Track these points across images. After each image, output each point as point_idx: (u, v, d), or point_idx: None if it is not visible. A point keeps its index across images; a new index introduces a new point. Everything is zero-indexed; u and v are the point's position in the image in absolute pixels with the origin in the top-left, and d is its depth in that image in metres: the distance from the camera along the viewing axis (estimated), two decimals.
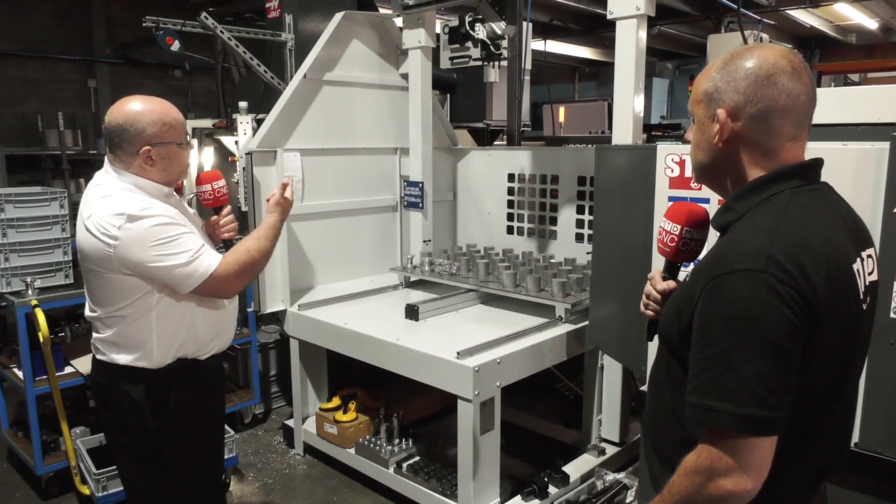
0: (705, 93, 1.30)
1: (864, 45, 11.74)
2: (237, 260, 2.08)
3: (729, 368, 1.10)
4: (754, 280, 1.10)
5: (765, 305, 1.09)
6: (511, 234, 4.16)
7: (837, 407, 1.23)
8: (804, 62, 1.26)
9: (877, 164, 1.95)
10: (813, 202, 1.23)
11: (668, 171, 2.40)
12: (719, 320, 1.13)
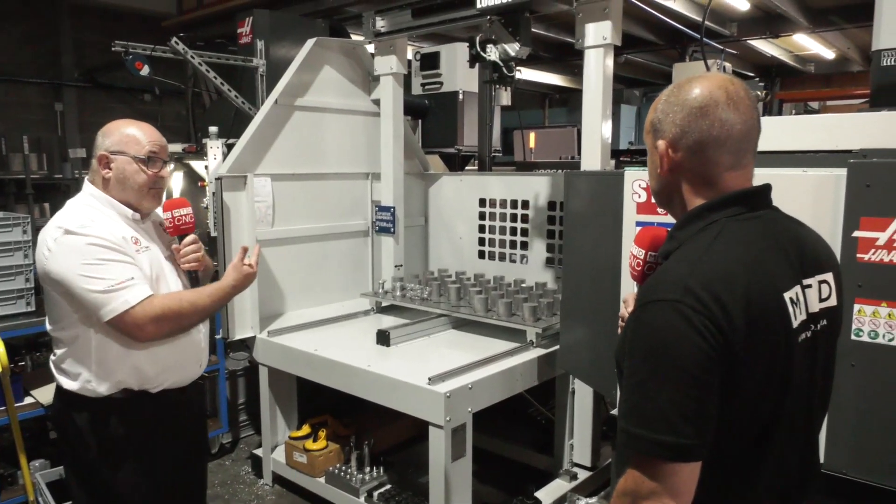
0: (651, 124, 1.34)
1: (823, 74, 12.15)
2: (163, 305, 1.97)
3: (647, 396, 1.13)
4: (670, 310, 1.13)
5: (679, 335, 1.11)
6: (482, 258, 4.18)
7: (781, 434, 1.23)
8: (745, 90, 1.28)
9: (835, 189, 2.00)
10: (747, 230, 1.25)
11: (636, 197, 2.44)
12: (640, 349, 1.16)
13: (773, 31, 8.43)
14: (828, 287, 1.33)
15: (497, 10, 3.01)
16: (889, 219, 1.88)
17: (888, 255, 1.89)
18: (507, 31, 3.00)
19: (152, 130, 2.12)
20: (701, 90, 1.27)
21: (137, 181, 2.06)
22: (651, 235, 1.52)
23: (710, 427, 1.12)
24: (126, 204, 2.07)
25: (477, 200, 4.16)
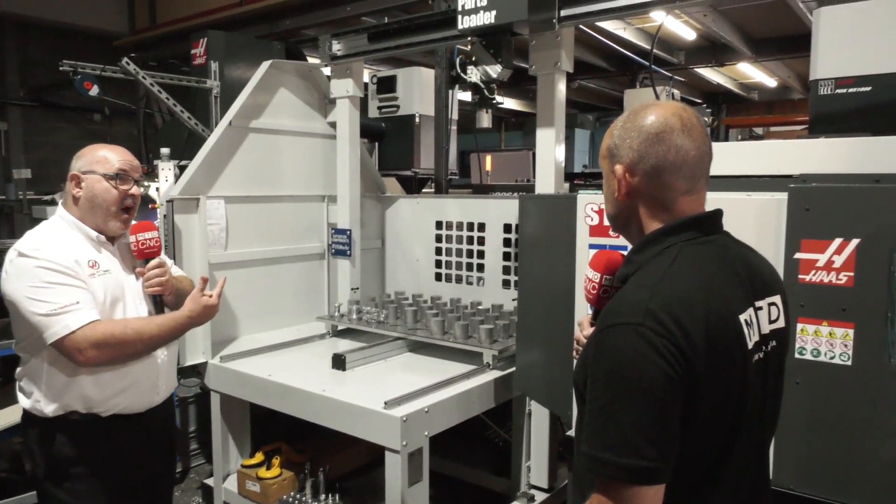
0: (607, 149, 1.37)
1: (766, 101, 12.67)
2: (106, 331, 1.96)
3: (610, 420, 1.14)
4: (632, 333, 1.14)
5: (642, 358, 1.13)
6: (439, 281, 4.18)
7: (737, 453, 1.26)
8: (698, 118, 1.33)
9: (777, 213, 2.08)
10: (702, 254, 1.28)
11: (588, 220, 2.48)
12: (603, 372, 1.17)
13: (718, 59, 8.77)
14: (776, 309, 1.37)
15: (479, 31, 2.97)
16: (827, 241, 1.96)
17: (827, 275, 1.96)
18: (488, 52, 2.99)
19: (124, 151, 2.17)
20: (656, 117, 1.31)
21: (107, 199, 2.08)
22: (606, 259, 1.54)
23: (673, 449, 1.14)
24: (94, 226, 2.09)
25: (434, 223, 4.18)
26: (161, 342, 2.14)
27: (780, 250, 2.06)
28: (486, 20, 2.86)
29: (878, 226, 1.90)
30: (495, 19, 2.82)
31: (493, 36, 2.96)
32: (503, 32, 2.93)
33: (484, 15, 2.86)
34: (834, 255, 1.95)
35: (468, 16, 2.92)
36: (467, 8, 2.91)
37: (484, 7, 2.85)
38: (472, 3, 2.88)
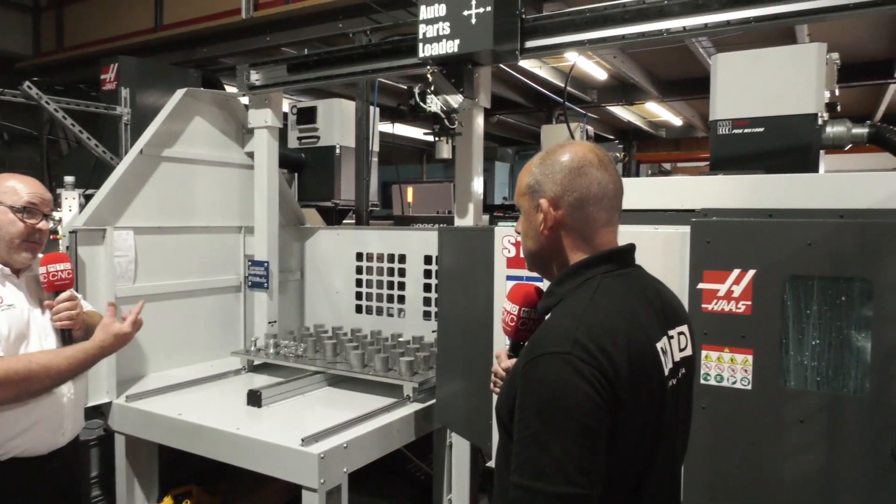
0: (528, 186, 1.41)
1: (673, 138, 13.38)
2: (8, 368, 1.85)
3: (541, 448, 1.15)
4: (561, 362, 1.17)
5: (571, 386, 1.16)
6: (360, 312, 4.14)
7: (653, 477, 1.30)
8: (609, 157, 1.42)
9: (681, 245, 2.19)
10: (621, 286, 1.34)
11: (506, 252, 2.54)
12: (532, 402, 1.19)
13: (628, 99, 9.23)
14: (685, 338, 1.44)
15: (440, 60, 2.89)
16: (727, 272, 2.07)
17: (728, 304, 2.08)
18: (449, 81, 2.91)
19: (35, 184, 2.09)
20: (574, 153, 1.37)
21: (11, 232, 2.00)
22: (523, 292, 1.57)
23: (601, 475, 1.16)
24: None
25: (354, 254, 4.15)
26: (71, 375, 2.02)
27: (684, 281, 2.16)
28: (449, 49, 2.81)
29: (771, 257, 2.04)
30: (458, 48, 2.78)
31: (454, 65, 2.90)
32: (464, 62, 2.89)
33: (446, 44, 2.82)
34: (733, 286, 2.06)
35: (430, 44, 2.86)
36: (429, 36, 2.86)
37: (447, 36, 2.81)
38: (435, 31, 2.84)
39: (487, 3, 2.68)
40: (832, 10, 2.29)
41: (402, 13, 4.03)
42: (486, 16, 2.68)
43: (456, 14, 2.75)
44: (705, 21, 2.47)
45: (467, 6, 2.72)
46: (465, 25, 2.73)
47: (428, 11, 2.82)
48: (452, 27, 2.77)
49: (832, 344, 1.99)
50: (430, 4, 2.81)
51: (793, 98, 2.74)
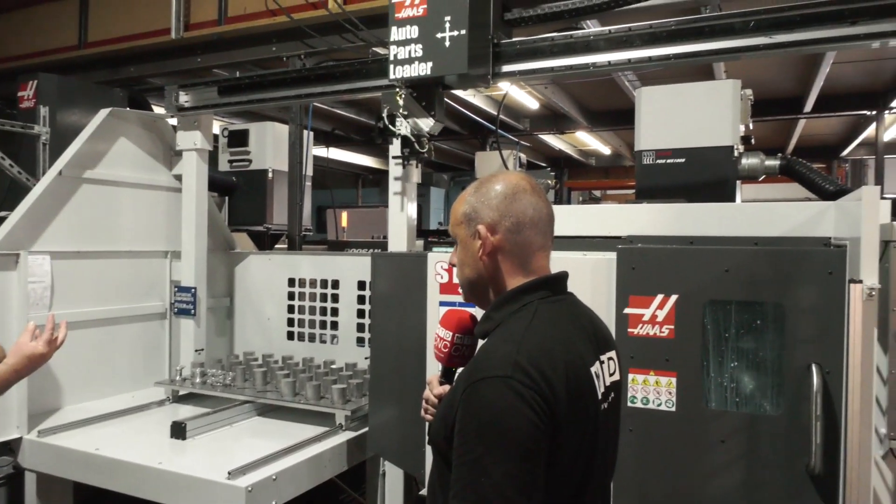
0: (464, 214, 1.44)
1: (602, 166, 13.82)
2: None
3: (482, 472, 1.16)
4: (502, 385, 1.19)
5: (512, 409, 1.18)
6: (292, 339, 4.06)
7: (587, 499, 1.33)
8: (539, 184, 1.46)
9: (608, 271, 2.26)
10: (557, 312, 1.38)
11: (438, 278, 2.55)
12: (473, 426, 1.20)
13: (559, 128, 9.50)
14: (613, 363, 1.49)
15: (411, 82, 2.80)
16: (651, 297, 2.14)
17: (652, 328, 2.15)
18: (419, 104, 2.83)
19: None
20: (506, 181, 1.42)
21: None
22: (457, 318, 1.57)
23: (540, 498, 1.18)
24: None
25: (286, 280, 4.07)
26: None
27: (611, 305, 2.22)
28: (422, 72, 2.73)
29: (692, 283, 2.12)
30: (431, 71, 2.71)
31: (425, 88, 2.82)
32: (435, 85, 2.82)
33: (419, 66, 2.74)
34: (657, 310, 2.14)
35: (401, 66, 2.78)
36: (400, 58, 2.78)
37: (419, 58, 2.74)
38: (406, 53, 2.77)
39: (461, 27, 2.64)
40: (745, 50, 2.43)
41: (337, 39, 4.03)
42: (460, 39, 2.65)
43: (429, 36, 2.71)
44: (629, 56, 2.58)
45: (441, 29, 2.68)
46: (438, 48, 2.69)
47: (399, 33, 2.77)
48: (425, 49, 2.72)
49: (749, 366, 2.09)
50: (402, 26, 2.77)
51: (711, 131, 2.89)
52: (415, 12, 2.73)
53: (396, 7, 2.76)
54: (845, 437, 1.84)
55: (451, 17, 2.64)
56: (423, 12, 2.70)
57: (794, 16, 2.34)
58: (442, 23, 2.67)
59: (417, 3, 2.72)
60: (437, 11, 2.67)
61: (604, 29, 2.64)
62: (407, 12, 2.74)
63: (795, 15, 2.34)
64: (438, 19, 2.67)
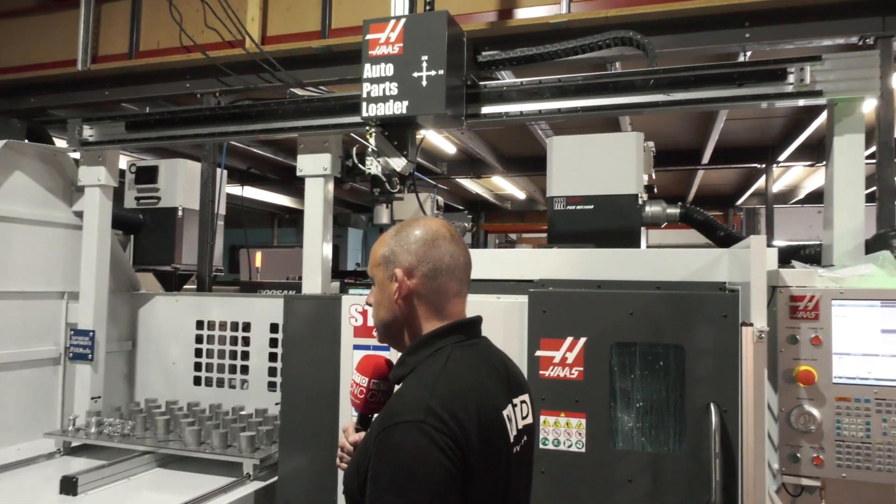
0: (383, 257, 1.45)
1: (518, 210, 14.18)
2: None
3: None
4: (415, 430, 1.19)
5: (425, 455, 1.18)
6: (198, 385, 3.88)
7: None
8: (458, 232, 1.50)
9: (520, 314, 2.30)
10: (470, 356, 1.40)
11: (353, 321, 2.52)
12: (386, 471, 1.19)
13: (475, 172, 9.71)
14: (526, 406, 1.51)
15: (384, 120, 2.73)
16: (561, 339, 2.20)
17: (563, 370, 2.20)
18: (391, 144, 2.76)
19: None
20: (427, 227, 1.44)
21: None
22: (374, 363, 1.56)
23: None
24: None
25: (194, 322, 3.91)
26: None
27: (523, 348, 2.27)
28: (397, 110, 2.65)
29: (600, 325, 2.20)
30: (407, 110, 2.64)
31: (397, 127, 2.76)
32: (408, 125, 2.75)
33: (394, 104, 2.66)
34: (567, 352, 2.20)
35: (374, 104, 2.68)
36: (374, 96, 2.69)
37: (394, 96, 2.66)
38: (380, 91, 2.68)
39: (439, 67, 2.59)
40: (646, 106, 2.61)
41: (254, 78, 4.00)
42: (437, 79, 2.59)
43: (405, 75, 2.64)
44: (539, 108, 2.70)
45: (417, 68, 2.63)
46: (415, 87, 2.63)
47: (373, 70, 2.69)
48: (401, 88, 2.65)
49: (654, 406, 2.16)
50: (377, 63, 2.69)
51: (617, 180, 3.04)
52: (390, 50, 2.67)
53: (370, 44, 2.70)
54: (742, 473, 1.93)
55: (428, 57, 2.60)
56: (399, 51, 2.65)
57: (689, 76, 2.53)
58: (419, 62, 2.62)
59: (393, 40, 2.66)
60: (414, 50, 2.63)
61: (516, 81, 2.76)
62: (382, 50, 2.68)
63: (690, 76, 2.52)
64: (415, 58, 2.63)
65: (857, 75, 2.38)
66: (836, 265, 2.36)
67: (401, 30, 2.64)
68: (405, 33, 2.63)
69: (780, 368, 2.12)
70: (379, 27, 2.67)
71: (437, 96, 2.59)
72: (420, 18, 2.68)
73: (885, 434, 2.03)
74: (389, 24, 2.65)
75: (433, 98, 2.60)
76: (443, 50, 2.58)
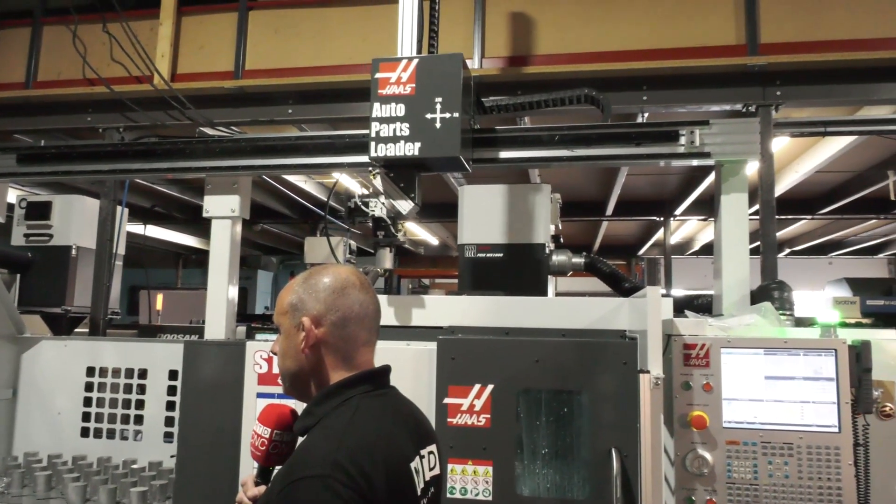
0: (290, 304, 1.41)
1: (431, 256, 14.29)
2: None
3: None
4: (320, 486, 1.16)
5: None
6: (87, 436, 3.60)
7: None
8: (368, 280, 1.49)
9: (429, 361, 2.31)
10: (379, 406, 1.38)
11: (257, 368, 2.44)
12: None
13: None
14: (434, 457, 1.50)
15: (392, 161, 2.62)
16: (469, 386, 2.22)
17: (470, 418, 2.21)
18: (397, 186, 2.65)
19: None
20: (336, 275, 1.42)
21: None
22: (276, 413, 1.50)
23: None
24: None
25: (84, 369, 3.65)
26: None
27: (433, 396, 2.26)
28: (408, 151, 2.56)
29: (507, 372, 2.23)
30: (419, 152, 2.55)
31: (404, 169, 2.65)
32: (415, 167, 2.66)
33: (405, 146, 2.56)
34: (475, 400, 2.21)
35: (384, 143, 2.57)
36: (383, 135, 2.57)
37: (405, 137, 2.56)
38: (391, 130, 2.58)
39: (454, 109, 2.53)
40: (551, 160, 2.73)
41: (162, 115, 3.89)
42: (452, 122, 2.52)
43: (417, 116, 2.56)
44: None
45: (430, 109, 2.55)
46: (428, 129, 2.55)
47: (383, 110, 2.59)
48: (412, 129, 2.56)
49: (558, 452, 2.20)
50: (387, 103, 2.59)
51: (525, 229, 3.14)
52: (401, 90, 2.58)
53: (380, 83, 2.60)
54: None
55: (442, 99, 2.54)
56: (412, 91, 2.57)
57: (591, 134, 2.67)
58: (432, 103, 2.55)
59: (405, 80, 2.58)
60: (428, 92, 2.56)
61: None
62: (392, 89, 2.59)
63: (592, 133, 2.67)
64: (428, 100, 2.56)
65: (741, 139, 2.60)
66: (725, 315, 2.52)
67: (413, 70, 2.58)
68: (418, 74, 2.58)
69: (676, 413, 2.21)
70: (389, 66, 2.60)
71: (452, 139, 2.53)
72: (434, 60, 2.62)
73: (771, 476, 2.15)
74: (401, 63, 2.59)
75: (448, 141, 2.54)
76: (458, 92, 2.54)
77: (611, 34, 3.38)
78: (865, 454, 2.09)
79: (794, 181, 6.75)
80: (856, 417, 2.09)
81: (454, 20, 3.55)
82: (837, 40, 3.20)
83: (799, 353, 2.14)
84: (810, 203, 8.49)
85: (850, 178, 7.51)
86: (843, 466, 2.06)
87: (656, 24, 3.37)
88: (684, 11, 3.36)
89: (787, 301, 2.57)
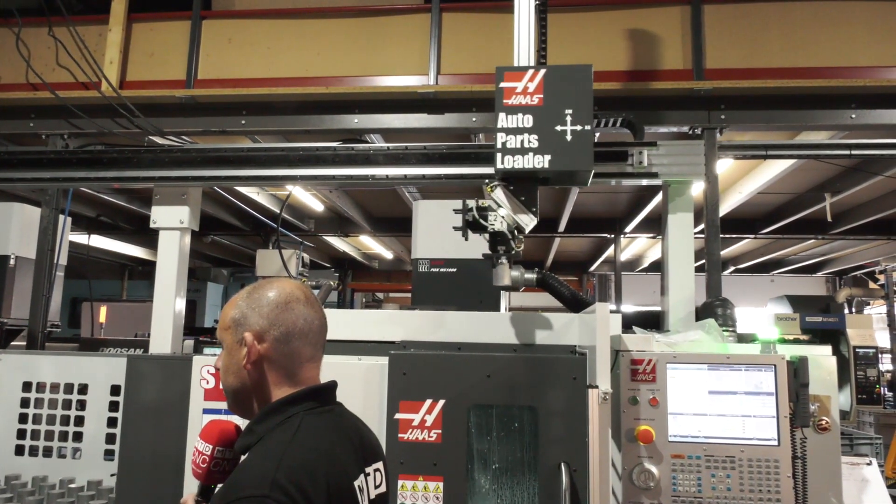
0: (233, 319, 1.38)
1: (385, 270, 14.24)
2: None
3: None
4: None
5: None
6: (21, 455, 3.44)
7: None
8: (314, 295, 1.47)
9: (380, 376, 2.29)
10: (323, 424, 1.36)
11: (204, 383, 2.39)
12: None
13: (343, 231, 9.69)
14: (380, 475, 1.48)
15: (516, 174, 2.51)
16: (420, 402, 2.21)
17: (421, 433, 2.20)
18: (517, 199, 2.52)
19: None
20: (281, 289, 1.39)
21: None
22: (220, 429, 1.46)
23: None
24: None
25: (20, 384, 3.50)
26: None
27: (384, 411, 2.25)
28: (538, 164, 2.47)
29: (458, 387, 2.23)
30: (549, 164, 2.46)
31: (524, 182, 2.53)
32: (535, 179, 2.56)
33: (534, 158, 2.47)
34: (426, 415, 2.20)
35: (510, 155, 2.47)
36: (510, 147, 2.48)
37: (534, 149, 2.47)
38: (518, 142, 2.48)
39: (586, 122, 2.45)
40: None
41: (109, 122, 3.79)
42: (584, 134, 2.45)
43: (545, 128, 2.48)
44: (405, 172, 2.77)
45: (560, 121, 2.47)
46: (558, 141, 2.47)
47: (509, 120, 2.50)
48: (541, 141, 2.48)
49: (509, 467, 2.21)
50: (513, 113, 2.50)
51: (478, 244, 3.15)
52: (528, 101, 2.49)
53: (505, 92, 2.51)
54: None
55: (573, 111, 2.46)
56: (539, 101, 2.49)
57: None
58: (562, 115, 2.47)
59: (532, 91, 2.50)
60: (555, 103, 2.49)
61: (383, 145, 2.83)
62: (518, 99, 2.50)
63: None
64: (557, 111, 2.48)
65: (687, 161, 2.69)
66: (671, 331, 2.58)
67: (540, 80, 2.50)
68: (546, 84, 2.50)
69: (623, 428, 2.25)
70: (515, 76, 2.51)
71: (585, 152, 2.46)
72: (562, 70, 2.55)
73: (714, 489, 2.20)
74: (527, 73, 2.50)
75: (580, 154, 2.46)
76: (589, 104, 2.47)
77: (560, 58, 3.46)
78: (803, 467, 2.17)
79: (737, 202, 6.99)
80: (794, 431, 2.16)
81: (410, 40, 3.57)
82: (776, 68, 3.34)
83: (741, 369, 2.21)
84: (752, 223, 8.81)
85: (790, 200, 7.83)
86: (782, 479, 2.13)
87: (607, 48, 3.46)
88: (633, 36, 3.46)
89: (729, 318, 2.66)
